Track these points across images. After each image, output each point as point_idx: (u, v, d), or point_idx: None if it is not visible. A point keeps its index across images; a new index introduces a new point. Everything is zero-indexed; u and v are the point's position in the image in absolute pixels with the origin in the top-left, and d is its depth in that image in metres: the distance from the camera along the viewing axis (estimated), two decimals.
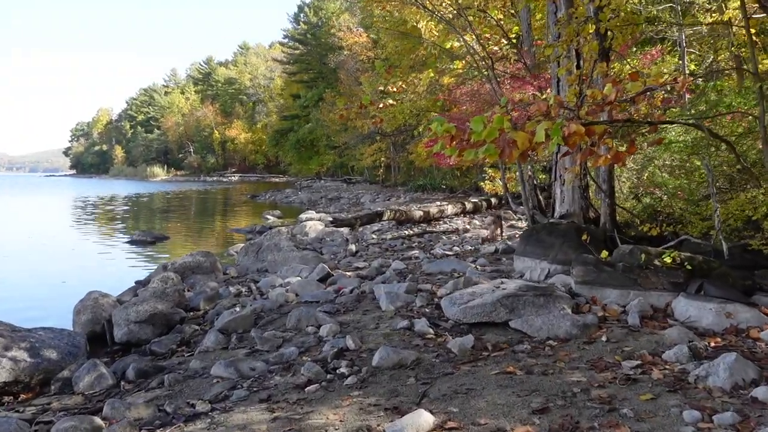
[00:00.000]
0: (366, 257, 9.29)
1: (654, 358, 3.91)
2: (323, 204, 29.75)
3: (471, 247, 9.22)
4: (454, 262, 7.56)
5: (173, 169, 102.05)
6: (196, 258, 8.87)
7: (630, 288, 5.11)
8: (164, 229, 19.80)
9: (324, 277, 7.40)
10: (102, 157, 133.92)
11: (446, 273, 7.17)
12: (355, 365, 4.24)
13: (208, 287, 7.67)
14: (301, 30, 65.75)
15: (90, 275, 10.43)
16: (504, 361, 4.12)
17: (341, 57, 45.12)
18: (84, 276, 10.41)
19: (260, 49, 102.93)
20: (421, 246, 10.00)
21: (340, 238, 11.70)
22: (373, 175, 42.47)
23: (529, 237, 7.07)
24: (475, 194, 24.87)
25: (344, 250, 10.19)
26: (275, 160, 75.86)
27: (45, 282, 9.98)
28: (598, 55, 6.73)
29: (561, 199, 7.88)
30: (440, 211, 14.11)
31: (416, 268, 7.75)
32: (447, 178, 30.64)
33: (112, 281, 9.58)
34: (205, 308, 6.77)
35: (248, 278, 8.45)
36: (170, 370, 4.68)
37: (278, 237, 11.45)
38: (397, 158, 37.61)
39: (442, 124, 5.45)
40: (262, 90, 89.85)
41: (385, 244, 10.47)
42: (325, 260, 8.90)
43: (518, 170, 17.35)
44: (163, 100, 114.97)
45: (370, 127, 35.56)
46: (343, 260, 9.08)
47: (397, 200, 26.10)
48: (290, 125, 60.19)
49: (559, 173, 7.91)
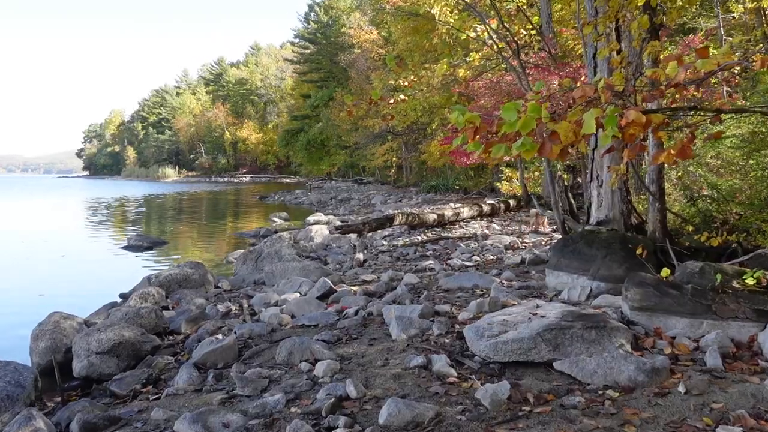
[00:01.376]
0: (375, 268, 8.31)
1: (760, 423, 2.89)
2: (333, 205, 28.84)
3: (493, 257, 8.21)
4: (476, 275, 6.56)
5: (184, 170, 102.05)
6: (183, 270, 7.92)
7: (703, 317, 4.08)
8: (166, 232, 18.96)
9: (326, 293, 6.42)
10: (114, 159, 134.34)
11: (467, 289, 6.18)
12: (357, 422, 3.27)
13: (194, 305, 6.73)
14: (311, 29, 65.13)
15: (72, 287, 9.55)
16: (552, 421, 3.12)
17: (352, 55, 44.29)
18: (65, 288, 9.53)
19: (271, 49, 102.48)
20: (436, 254, 9.00)
21: (347, 245, 10.74)
22: (385, 176, 41.62)
23: (563, 247, 6.06)
24: (491, 195, 23.86)
25: (351, 259, 9.22)
26: (286, 160, 75.28)
27: (19, 295, 9.09)
28: (648, 32, 5.71)
29: (598, 203, 6.85)
30: (455, 214, 13.10)
31: (432, 282, 6.77)
32: (460, 178, 29.65)
33: (93, 295, 8.70)
34: (186, 332, 5.82)
35: (242, 293, 7.49)
36: (126, 422, 3.73)
37: (279, 244, 10.51)
38: (408, 158, 36.71)
39: (464, 114, 4.52)
40: (273, 90, 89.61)
41: (397, 251, 9.48)
42: (329, 271, 7.93)
43: (545, 169, 16.32)
44: (175, 101, 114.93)
45: (381, 126, 34.64)
46: (349, 271, 8.11)
47: (408, 201, 25.13)
48: (300, 125, 59.51)
49: (596, 172, 6.88)
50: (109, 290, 8.77)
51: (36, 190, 57.05)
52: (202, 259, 12.92)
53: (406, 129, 34.17)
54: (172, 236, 17.54)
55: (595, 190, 6.88)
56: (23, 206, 33.46)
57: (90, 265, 11.86)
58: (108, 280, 9.95)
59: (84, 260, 12.51)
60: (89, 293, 8.86)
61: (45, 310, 6.18)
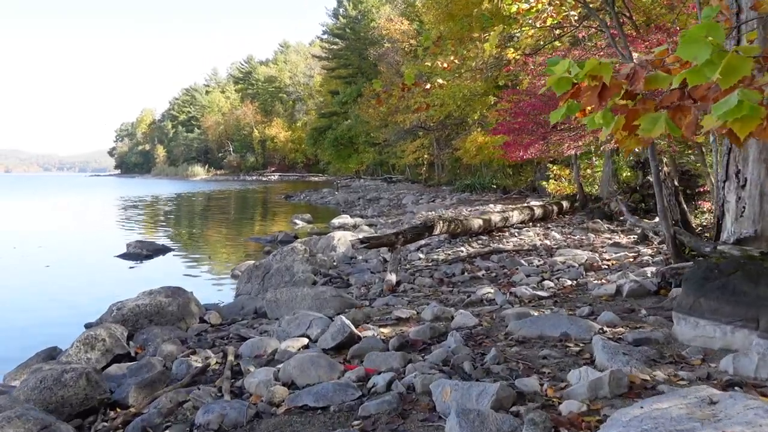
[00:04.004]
0: (412, 295, 6.29)
1: None
2: (361, 206, 26.94)
3: (571, 281, 6.12)
4: (562, 317, 4.49)
5: (213, 169, 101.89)
6: (156, 299, 6.02)
7: None
8: (175, 236, 17.26)
9: (344, 342, 4.45)
10: (145, 157, 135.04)
11: (553, 341, 4.15)
12: None
13: (161, 354, 4.83)
14: (340, 24, 63.71)
15: (34, 313, 7.76)
16: None
17: (381, 49, 42.49)
18: (26, 314, 7.75)
19: (300, 47, 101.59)
20: (491, 275, 6.94)
21: (375, 258, 8.77)
22: (415, 174, 39.72)
23: (704, 281, 3.98)
24: (533, 195, 21.68)
25: (380, 280, 7.23)
26: (314, 158, 74.16)
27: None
28: None
29: (737, 212, 4.74)
30: (504, 219, 11.02)
31: (496, 324, 4.73)
32: (498, 176, 27.55)
33: (54, 324, 6.93)
34: (137, 404, 3.91)
35: (232, 332, 5.55)
36: None
37: (292, 258, 8.61)
38: (441, 155, 34.71)
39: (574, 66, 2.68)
40: (302, 88, 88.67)
41: (439, 270, 7.44)
42: (351, 301, 5.95)
43: (606, 165, 14.08)
44: (204, 99, 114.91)
45: (412, 120, 32.63)
46: (377, 300, 6.10)
47: (442, 202, 23.07)
48: (328, 123, 58.07)
49: (733, 167, 4.77)
50: (76, 317, 6.96)
51: (64, 189, 56.56)
52: (208, 271, 11.13)
53: (439, 124, 32.19)
54: (181, 241, 15.83)
55: (733, 192, 4.76)
56: (42, 205, 32.34)
57: (72, 280, 10.10)
58: (82, 303, 8.15)
59: (68, 273, 10.76)
60: (48, 323, 7.08)
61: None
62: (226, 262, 12.11)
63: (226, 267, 11.25)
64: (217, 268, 11.36)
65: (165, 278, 9.45)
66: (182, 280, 9.73)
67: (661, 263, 6.58)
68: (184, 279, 9.93)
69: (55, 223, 21.39)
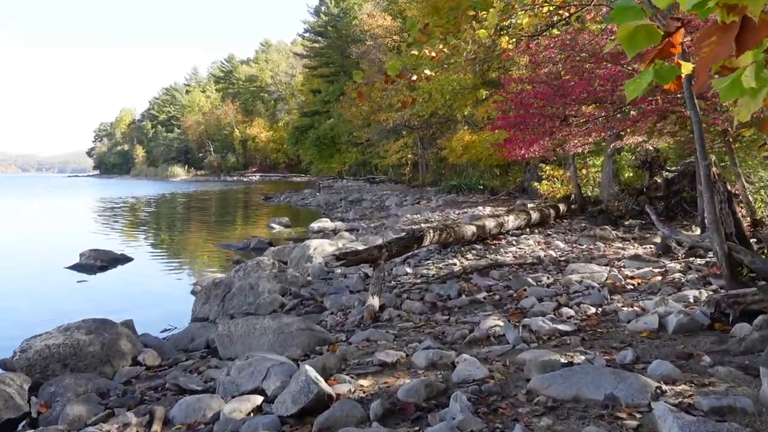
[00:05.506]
0: (398, 326, 5.11)
1: None
2: (342, 207, 25.76)
3: (594, 309, 4.96)
4: (605, 372, 3.32)
5: (193, 169, 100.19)
6: (73, 337, 4.77)
7: None
8: (141, 242, 15.93)
9: (309, 406, 3.28)
10: (124, 158, 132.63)
11: (596, 407, 3.01)
12: None
13: (65, 419, 3.62)
14: (321, 22, 62.45)
15: None
16: None
17: (363, 47, 41.36)
18: None
19: (282, 46, 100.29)
20: (494, 297, 5.78)
21: (355, 274, 7.59)
22: (399, 174, 38.64)
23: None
24: (522, 197, 20.64)
25: (360, 303, 6.05)
26: (296, 159, 72.92)
27: None
28: None
29: None
30: (499, 225, 9.89)
31: (511, 377, 3.57)
32: (485, 177, 26.50)
33: None
34: None
35: (169, 381, 4.33)
36: None
37: (257, 274, 7.42)
38: (425, 155, 33.62)
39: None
40: (284, 87, 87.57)
41: (431, 291, 6.26)
42: (322, 335, 4.77)
43: (606, 165, 13.01)
44: (184, 98, 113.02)
45: (396, 119, 31.49)
46: (356, 334, 4.89)
47: (428, 204, 21.95)
48: (310, 122, 56.97)
49: None
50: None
51: (38, 190, 54.49)
52: (166, 287, 9.87)
53: (423, 123, 31.09)
54: (144, 249, 14.50)
55: None
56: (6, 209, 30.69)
57: (4, 299, 8.76)
58: (4, 332, 6.84)
59: (5, 289, 9.43)
60: None
61: None
62: (191, 275, 10.85)
63: (189, 281, 9.99)
64: (177, 283, 10.08)
65: (112, 297, 8.24)
66: (132, 298, 8.51)
67: (698, 283, 5.50)
68: (135, 298, 8.69)
69: (14, 228, 19.91)
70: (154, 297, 8.80)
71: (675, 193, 10.35)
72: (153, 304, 8.13)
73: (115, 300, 8.30)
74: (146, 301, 8.26)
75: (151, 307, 7.93)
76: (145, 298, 8.57)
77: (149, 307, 7.84)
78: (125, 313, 7.66)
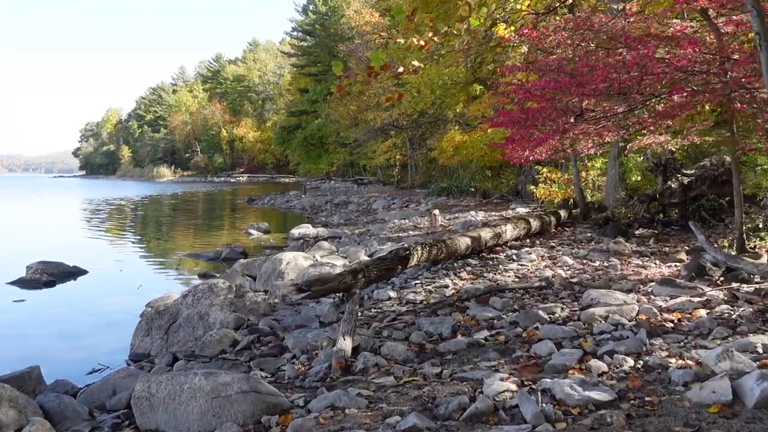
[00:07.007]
0: (375, 382, 3.89)
1: None
2: (327, 211, 24.56)
3: (634, 362, 3.74)
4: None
5: (180, 170, 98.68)
6: None
7: None
8: (103, 251, 14.61)
9: None
10: (110, 158, 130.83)
11: None
12: None
13: None
14: (309, 20, 61.33)
15: None
16: None
17: (351, 46, 40.24)
18: None
19: (270, 45, 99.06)
20: (497, 340, 4.54)
21: (327, 302, 6.36)
22: (387, 176, 37.53)
23: None
24: (516, 200, 19.52)
25: (329, 341, 4.84)
26: (284, 159, 71.84)
27: None
28: None
29: None
30: (496, 235, 8.71)
31: None
32: (476, 179, 25.33)
33: None
34: None
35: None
36: None
37: (209, 300, 6.18)
38: (414, 156, 32.51)
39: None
40: (272, 87, 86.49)
41: (419, 327, 5.02)
42: (272, 397, 3.55)
43: (611, 167, 11.85)
44: (171, 98, 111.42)
45: (383, 118, 30.33)
46: (318, 399, 3.58)
47: (416, 207, 20.79)
48: (298, 122, 55.97)
49: None
50: None
51: (20, 191, 52.77)
52: (114, 309, 8.56)
53: (412, 122, 29.98)
54: (105, 258, 13.16)
55: None
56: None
57: None
58: None
59: None
60: None
61: None
62: (147, 292, 9.53)
63: (143, 301, 8.62)
64: (129, 303, 8.71)
65: (42, 326, 6.98)
66: (66, 327, 7.26)
67: (756, 320, 4.34)
68: (70, 326, 7.40)
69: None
70: (94, 322, 7.50)
71: (693, 199, 9.22)
72: (89, 333, 6.88)
73: (44, 329, 7.04)
74: (82, 330, 7.01)
75: (87, 337, 6.68)
76: (82, 326, 7.29)
77: (84, 338, 6.61)
78: (50, 347, 6.44)
